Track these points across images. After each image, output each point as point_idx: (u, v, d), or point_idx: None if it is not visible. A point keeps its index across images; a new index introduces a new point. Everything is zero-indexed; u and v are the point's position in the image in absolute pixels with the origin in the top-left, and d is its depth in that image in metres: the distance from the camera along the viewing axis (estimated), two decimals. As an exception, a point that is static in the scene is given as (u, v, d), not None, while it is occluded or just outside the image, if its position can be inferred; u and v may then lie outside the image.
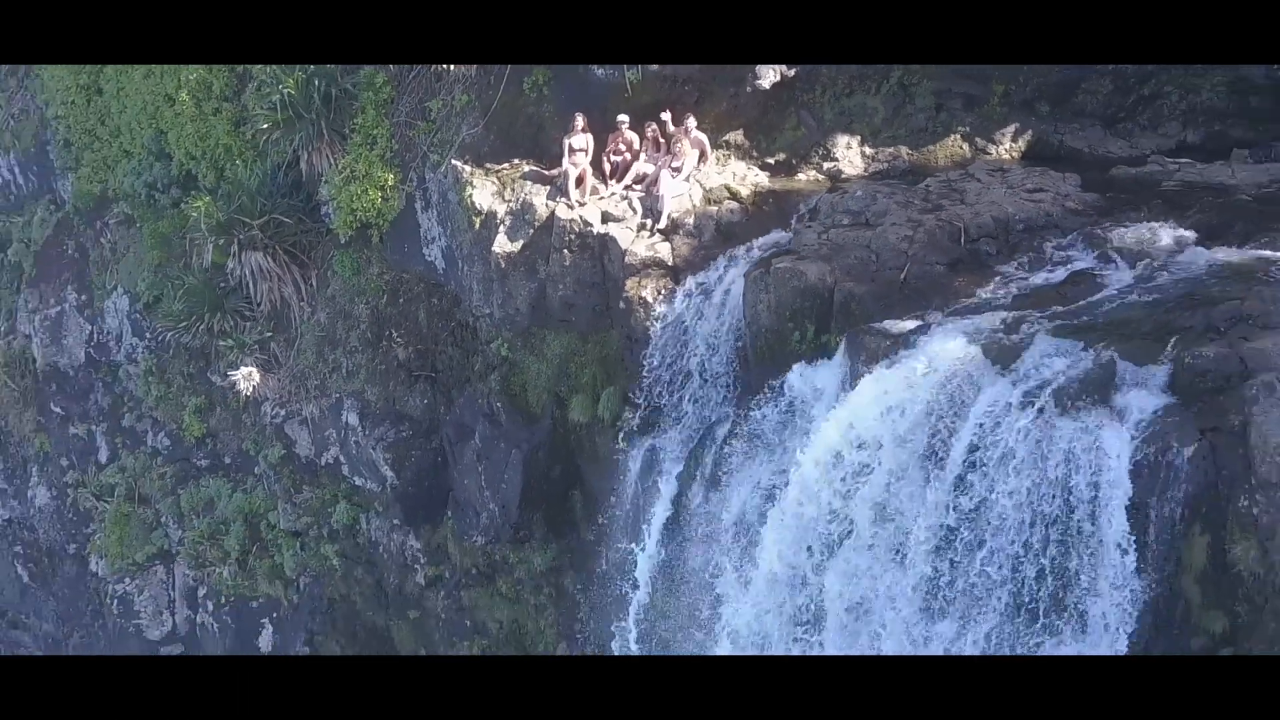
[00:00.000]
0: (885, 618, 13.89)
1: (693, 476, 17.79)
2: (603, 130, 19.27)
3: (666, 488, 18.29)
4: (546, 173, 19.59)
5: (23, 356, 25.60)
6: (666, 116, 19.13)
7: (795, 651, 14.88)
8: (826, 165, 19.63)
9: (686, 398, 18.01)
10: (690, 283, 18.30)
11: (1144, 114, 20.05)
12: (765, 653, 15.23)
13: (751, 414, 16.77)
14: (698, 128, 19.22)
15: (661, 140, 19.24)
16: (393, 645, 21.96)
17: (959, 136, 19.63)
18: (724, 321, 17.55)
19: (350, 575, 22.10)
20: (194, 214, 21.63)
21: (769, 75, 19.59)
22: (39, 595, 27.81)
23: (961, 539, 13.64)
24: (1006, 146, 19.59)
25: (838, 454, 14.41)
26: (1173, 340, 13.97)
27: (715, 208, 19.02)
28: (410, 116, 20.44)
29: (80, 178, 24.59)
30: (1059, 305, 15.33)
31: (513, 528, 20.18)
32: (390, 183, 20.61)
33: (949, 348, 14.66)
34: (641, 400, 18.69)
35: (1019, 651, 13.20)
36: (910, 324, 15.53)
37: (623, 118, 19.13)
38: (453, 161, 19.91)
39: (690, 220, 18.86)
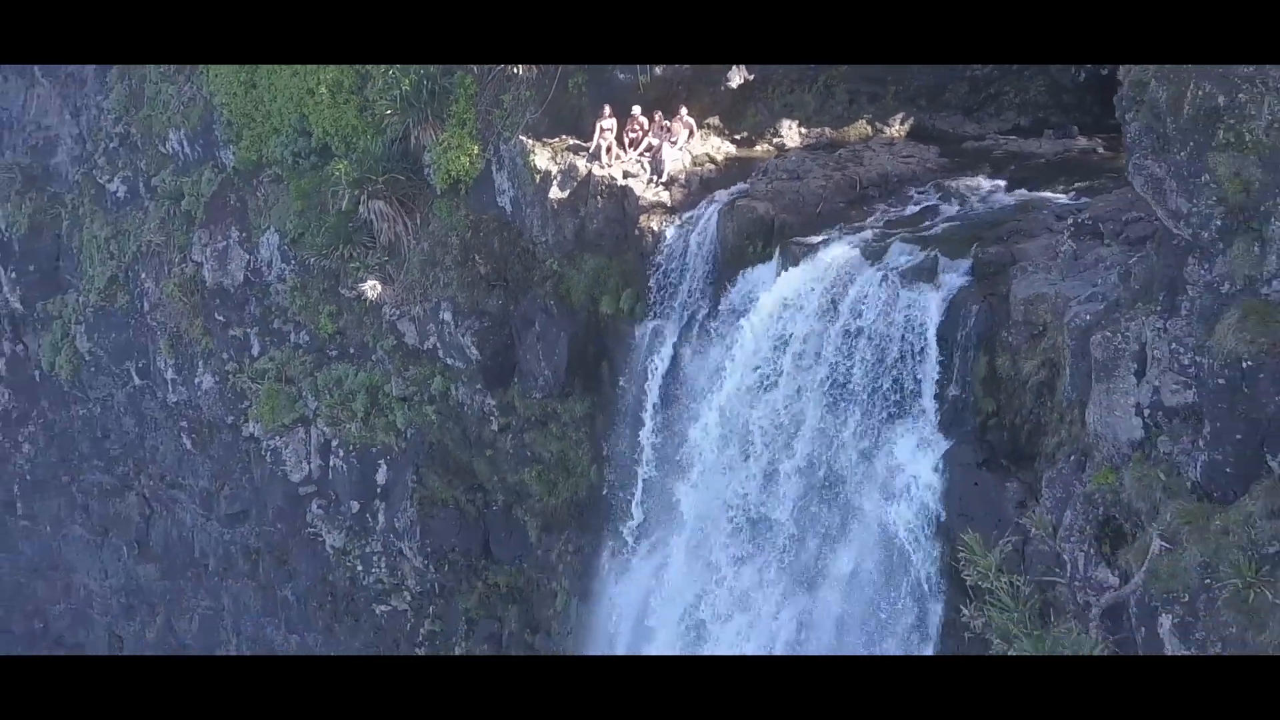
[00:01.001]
0: (806, 389, 21.75)
1: (684, 344, 25.59)
2: (623, 116, 26.88)
3: (663, 354, 26.09)
4: (584, 145, 27.40)
5: (194, 279, 33.12)
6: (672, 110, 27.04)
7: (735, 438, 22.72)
8: (774, 140, 27.17)
9: (680, 293, 25.72)
10: (683, 218, 26.20)
11: (990, 106, 27.73)
12: (724, 433, 23.08)
13: (721, 300, 24.71)
14: (687, 114, 26.75)
15: (663, 123, 27.01)
16: (475, 475, 29.58)
17: (864, 121, 27.21)
18: (704, 241, 25.24)
19: (444, 426, 29.61)
20: (335, 173, 29.33)
21: (736, 78, 27.23)
22: (197, 459, 35.47)
23: (847, 358, 21.59)
24: (896, 128, 27.29)
25: (772, 314, 22.43)
26: (974, 245, 21.93)
27: (699, 168, 26.50)
28: (489, 106, 28.02)
29: (240, 148, 32.11)
30: (911, 227, 23.22)
31: (560, 387, 27.68)
32: (475, 152, 28.21)
33: (840, 251, 22.61)
34: (649, 297, 26.41)
35: (875, 419, 21.17)
36: (819, 239, 23.50)
37: (636, 108, 26.55)
38: (520, 137, 27.45)
39: (682, 177, 26.39)
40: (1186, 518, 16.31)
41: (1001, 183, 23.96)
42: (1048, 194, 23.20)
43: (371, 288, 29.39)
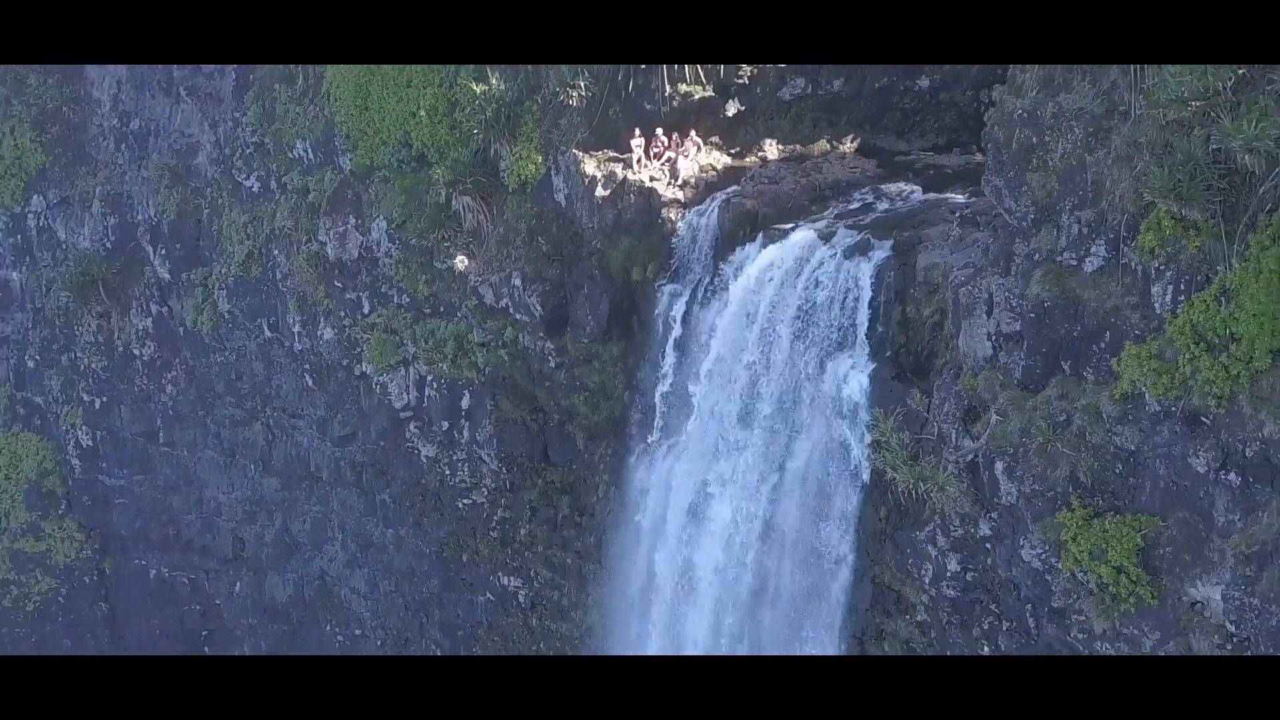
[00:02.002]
0: (778, 331, 30.10)
1: (693, 302, 33.81)
2: (649, 135, 34.29)
3: (678, 308, 34.32)
4: (621, 156, 35.63)
5: (318, 255, 40.91)
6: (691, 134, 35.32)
7: (735, 359, 31.09)
8: (759, 154, 35.06)
9: (689, 264, 34.00)
10: (692, 210, 34.60)
11: (916, 130, 35.78)
12: (726, 355, 31.40)
13: (720, 268, 33.09)
14: (696, 135, 34.86)
15: (678, 141, 35.26)
16: (536, 400, 37.75)
17: (824, 140, 35.28)
18: (708, 228, 33.59)
19: (513, 364, 37.50)
20: (434, 176, 37.53)
21: (731, 109, 35.46)
22: (315, 394, 43.68)
23: (808, 302, 29.89)
24: (847, 146, 35.40)
25: (756, 278, 30.83)
26: (895, 230, 30.29)
27: (705, 174, 34.38)
28: (550, 127, 35.76)
29: (356, 155, 40.10)
30: (854, 218, 31.57)
31: (602, 334, 35.36)
32: (539, 161, 36.19)
33: (803, 235, 30.98)
34: (668, 268, 34.64)
35: (826, 350, 29.52)
36: (789, 226, 31.84)
37: (659, 130, 34.52)
38: (573, 150, 35.40)
39: (692, 180, 34.35)
40: (1013, 401, 24.83)
41: (919, 187, 32.36)
42: (949, 195, 31.61)
43: (459, 261, 37.59)
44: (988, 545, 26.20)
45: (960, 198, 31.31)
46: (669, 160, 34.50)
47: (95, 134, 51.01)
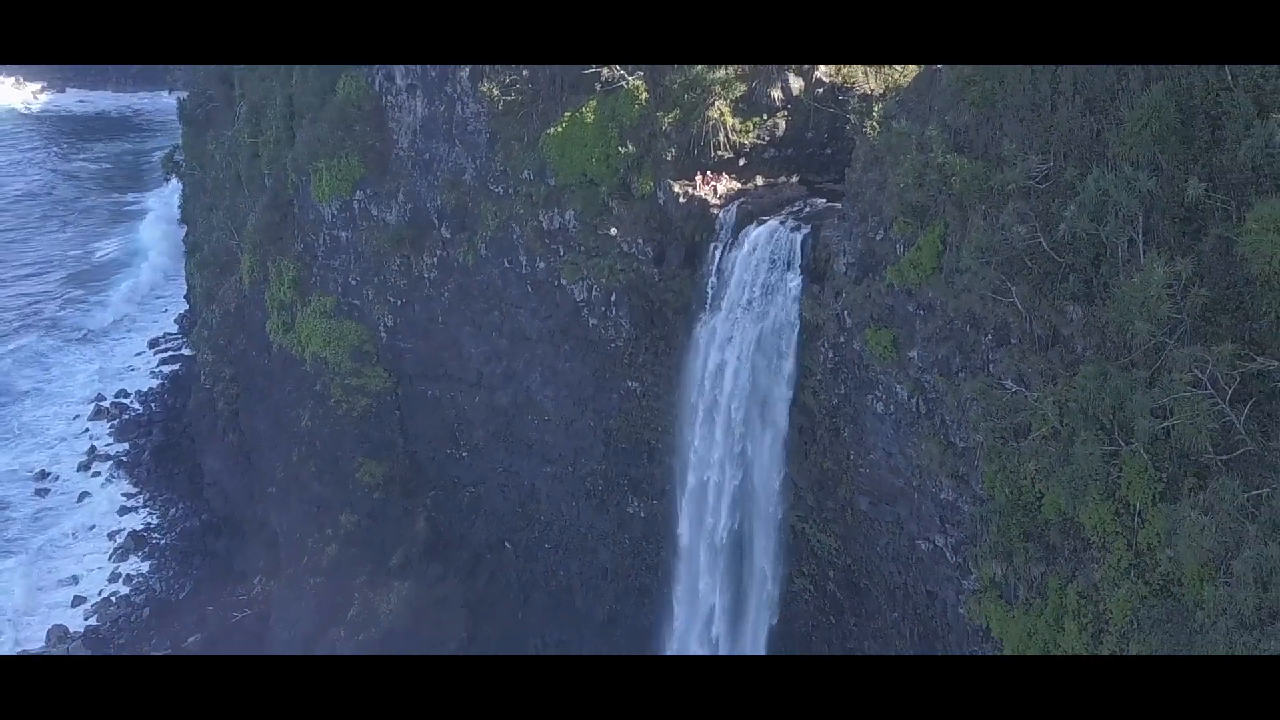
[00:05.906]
0: (758, 271, 59.65)
1: (724, 251, 62.74)
2: (704, 174, 63.95)
3: (717, 254, 63.05)
4: (690, 183, 63.64)
5: (538, 227, 68.31)
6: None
7: (749, 274, 60.68)
8: (754, 184, 63.78)
9: (722, 233, 62.92)
10: (723, 210, 63.42)
11: (826, 172, 64.90)
12: (742, 274, 60.95)
13: (737, 236, 62.35)
14: (726, 174, 64.31)
15: (718, 176, 64.26)
16: (648, 296, 66.73)
17: (784, 177, 63.86)
18: (730, 218, 62.34)
19: (638, 279, 64.81)
20: (601, 191, 66.51)
21: (742, 162, 64.56)
22: (531, 296, 71.63)
23: (774, 251, 59.29)
24: (795, 180, 64.32)
25: (754, 239, 60.22)
26: (813, 219, 59.63)
27: (729, 192, 62.24)
28: (656, 168, 64.11)
29: (557, 178, 67.79)
30: (795, 214, 60.76)
31: (681, 264, 63.65)
32: (651, 184, 63.78)
33: (773, 221, 59.71)
34: (712, 235, 63.93)
35: (782, 270, 59.02)
36: (767, 218, 60.89)
37: (709, 171, 63.82)
38: (667, 180, 64.47)
39: (724, 195, 63.09)
40: (852, 289, 54.35)
41: (825, 200, 61.73)
42: (836, 204, 60.97)
43: (612, 230, 66.73)
44: (842, 343, 56.06)
45: (840, 206, 60.84)
46: (713, 186, 63.52)
47: (395, 160, 79.22)
